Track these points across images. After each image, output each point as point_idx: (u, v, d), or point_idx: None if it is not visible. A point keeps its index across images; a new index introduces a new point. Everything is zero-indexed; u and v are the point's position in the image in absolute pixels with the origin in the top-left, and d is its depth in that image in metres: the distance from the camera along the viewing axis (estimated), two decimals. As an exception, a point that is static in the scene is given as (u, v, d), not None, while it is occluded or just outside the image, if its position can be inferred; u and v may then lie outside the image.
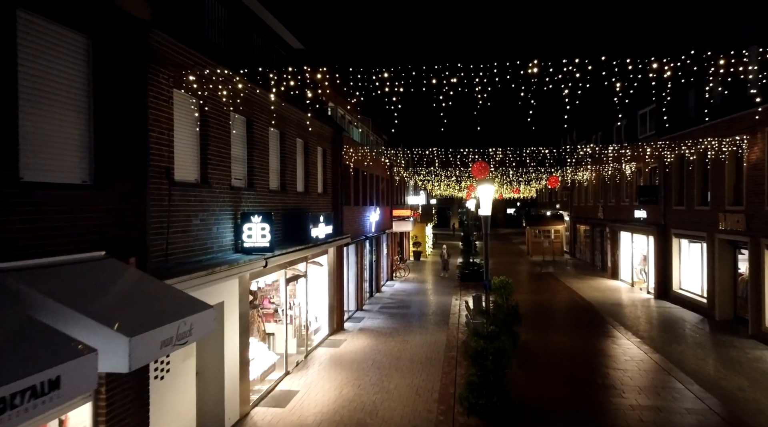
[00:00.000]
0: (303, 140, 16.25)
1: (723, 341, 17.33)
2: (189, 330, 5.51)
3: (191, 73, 9.05)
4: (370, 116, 29.64)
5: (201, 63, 9.29)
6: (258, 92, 12.34)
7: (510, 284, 15.64)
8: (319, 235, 14.98)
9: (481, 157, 18.63)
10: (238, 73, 10.19)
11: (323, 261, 18.18)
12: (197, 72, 9.15)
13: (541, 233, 46.55)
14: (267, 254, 11.20)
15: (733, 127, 18.24)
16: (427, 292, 28.22)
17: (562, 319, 21.35)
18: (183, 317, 5.43)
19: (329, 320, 18.61)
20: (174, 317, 5.36)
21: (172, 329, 5.22)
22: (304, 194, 16.18)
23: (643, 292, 26.80)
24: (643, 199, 25.47)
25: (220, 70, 9.57)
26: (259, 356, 13.46)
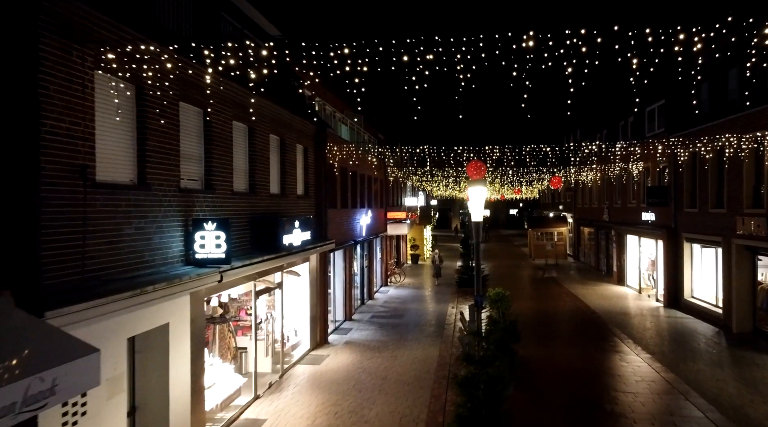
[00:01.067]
0: (279, 137, 14.72)
1: (743, 358, 15.73)
2: (51, 388, 3.99)
3: (121, 53, 7.52)
4: (362, 114, 28.10)
5: (134, 41, 7.75)
6: (218, 81, 10.81)
7: (507, 297, 14.10)
8: (293, 242, 13.44)
9: (476, 155, 17.12)
10: (188, 56, 8.66)
11: (302, 270, 16.63)
12: (131, 52, 7.62)
13: (544, 236, 44.94)
14: (223, 266, 9.66)
15: (753, 123, 16.64)
16: (422, 299, 26.66)
17: (566, 330, 19.77)
18: (40, 372, 3.91)
19: (311, 334, 17.06)
20: (24, 371, 3.84)
21: (15, 390, 3.69)
22: (280, 197, 14.65)
23: (652, 299, 25.18)
24: (652, 200, 23.87)
25: (164, 51, 8.04)
26: (222, 379, 11.93)
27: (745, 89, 17.97)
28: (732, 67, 19.15)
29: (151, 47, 7.71)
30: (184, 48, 8.09)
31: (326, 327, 18.06)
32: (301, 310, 16.87)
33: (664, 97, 24.80)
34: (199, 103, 10.24)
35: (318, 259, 17.60)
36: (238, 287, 12.24)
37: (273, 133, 14.15)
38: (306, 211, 16.75)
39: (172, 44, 7.90)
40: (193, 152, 10.28)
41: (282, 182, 14.89)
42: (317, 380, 14.16)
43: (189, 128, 10.07)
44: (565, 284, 30.80)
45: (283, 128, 14.86)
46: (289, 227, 13.16)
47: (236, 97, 11.71)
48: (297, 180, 16.08)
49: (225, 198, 11.18)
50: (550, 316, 22.31)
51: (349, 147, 17.74)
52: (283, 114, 14.72)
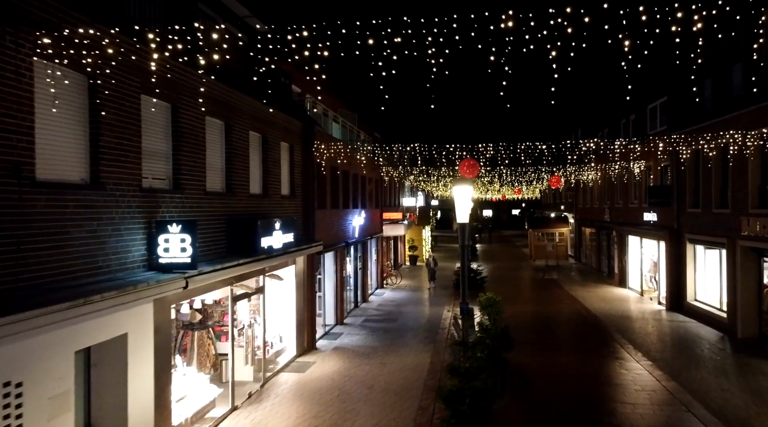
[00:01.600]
0: (260, 135, 14.05)
1: (749, 366, 14.99)
2: None
3: (65, 39, 6.86)
4: (356, 112, 27.43)
5: (77, 24, 7.08)
6: (187, 74, 10.15)
7: (498, 302, 13.40)
8: (273, 245, 12.76)
9: (470, 154, 16.41)
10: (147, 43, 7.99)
11: (288, 273, 15.95)
12: (77, 38, 6.95)
13: (545, 236, 44.20)
14: (188, 271, 8.99)
15: (759, 119, 15.91)
16: (417, 301, 25.96)
17: (564, 335, 19.05)
18: None
19: (297, 340, 16.39)
20: None
21: None
22: (262, 197, 13.98)
23: (654, 302, 24.44)
24: (654, 200, 23.12)
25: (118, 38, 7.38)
26: (196, 390, 11.27)
27: (751, 84, 17.24)
28: (736, 60, 18.41)
29: (99, 32, 7.04)
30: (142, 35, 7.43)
31: (314, 332, 17.38)
32: (287, 315, 16.20)
33: (666, 94, 24.06)
34: (165, 97, 9.57)
35: (305, 261, 16.93)
36: (214, 291, 11.57)
37: (253, 131, 13.49)
38: (292, 212, 16.08)
39: (123, 28, 7.24)
40: (159, 149, 9.61)
41: (264, 182, 14.22)
42: (300, 390, 13.48)
43: (154, 123, 9.40)
44: (566, 286, 30.06)
45: (266, 125, 14.20)
46: (268, 229, 12.49)
47: (210, 92, 11.05)
48: (281, 180, 15.41)
49: (196, 198, 10.52)
50: (548, 320, 21.59)
51: (337, 145, 17.05)
52: (265, 110, 14.05)
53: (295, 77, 20.54)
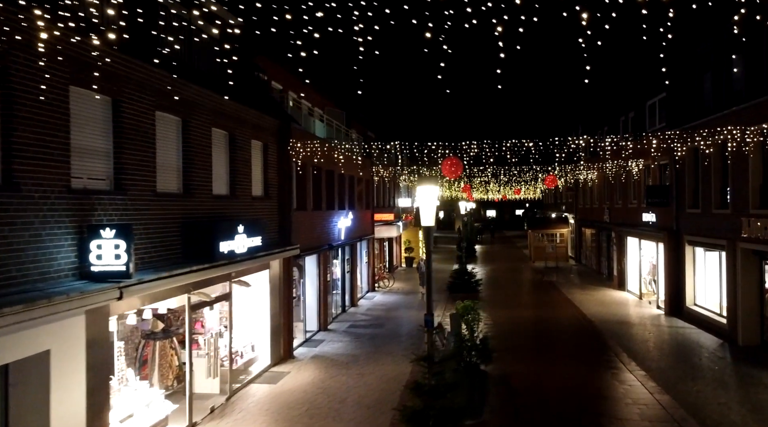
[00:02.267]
0: (227, 132, 13.24)
1: (750, 376, 14.06)
2: None
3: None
4: (344, 110, 26.60)
5: None
6: (131, 63, 9.35)
7: (476, 310, 12.53)
8: (237, 249, 11.94)
9: (453, 152, 15.55)
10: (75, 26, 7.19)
11: (261, 278, 15.14)
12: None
13: (544, 237, 43.23)
14: (124, 280, 8.18)
15: (760, 114, 14.98)
16: (408, 306, 25.10)
17: (557, 342, 18.14)
18: None
19: (272, 348, 15.57)
20: None
21: None
22: (228, 198, 13.17)
23: (653, 306, 23.49)
24: (652, 200, 22.19)
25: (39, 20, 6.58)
26: (147, 406, 10.46)
27: (752, 77, 16.32)
28: (738, 52, 17.48)
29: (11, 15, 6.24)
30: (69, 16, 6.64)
31: (291, 340, 16.56)
32: (260, 322, 15.39)
33: (664, 90, 23.13)
34: (103, 90, 8.77)
35: (281, 265, 16.12)
36: (169, 300, 10.77)
37: (217, 128, 12.68)
38: (265, 214, 15.27)
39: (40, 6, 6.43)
40: (97, 147, 8.81)
41: (232, 183, 13.41)
42: (268, 403, 12.66)
43: (88, 118, 8.59)
44: (563, 289, 29.14)
45: (233, 122, 13.39)
46: (229, 233, 11.67)
47: (161, 85, 10.24)
48: (253, 180, 14.60)
49: (144, 200, 9.71)
50: (542, 325, 20.69)
51: (314, 144, 16.21)
52: (232, 106, 13.25)
53: (275, 74, 19.76)
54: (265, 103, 16.05)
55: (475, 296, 27.25)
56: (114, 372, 10.07)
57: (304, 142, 16.41)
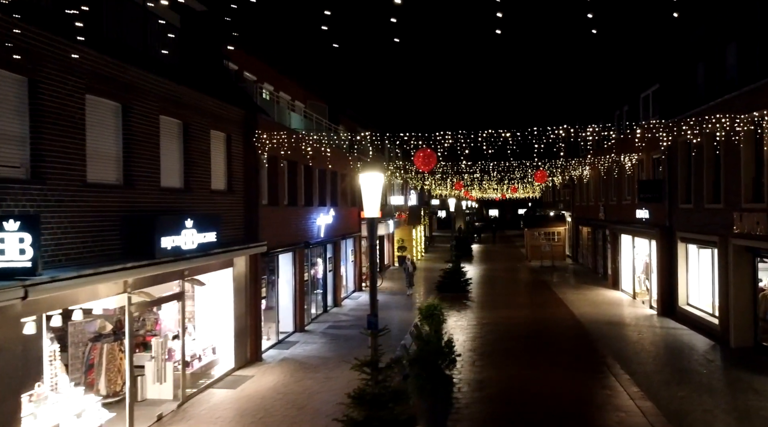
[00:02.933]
0: (180, 121, 12.45)
1: (740, 381, 13.16)
2: None
3: None
4: (326, 102, 25.80)
5: None
6: (54, 42, 8.57)
7: (440, 310, 11.69)
8: (183, 245, 11.14)
9: (426, 143, 14.70)
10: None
11: (219, 277, 14.35)
12: None
13: (541, 236, 42.30)
14: (30, 278, 7.39)
15: (752, 102, 14.10)
16: (393, 305, 24.27)
17: (542, 344, 17.27)
18: None
19: (236, 350, 14.78)
20: None
21: None
22: (182, 192, 12.39)
23: (646, 306, 22.59)
24: (645, 196, 21.30)
25: None
26: (79, 416, 9.67)
27: (745, 64, 15.42)
28: (731, 40, 16.59)
29: None
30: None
31: (258, 342, 15.76)
32: (223, 323, 14.60)
33: (658, 81, 22.24)
34: (15, 69, 7.99)
35: (248, 263, 15.34)
36: (105, 299, 9.99)
37: (168, 116, 11.89)
38: (227, 209, 14.48)
39: None
40: (8, 131, 8.03)
41: (187, 175, 12.62)
42: (222, 410, 11.87)
43: None
44: (556, 289, 28.25)
45: (188, 111, 12.60)
46: (174, 227, 10.87)
47: (93, 66, 9.45)
48: (212, 173, 13.81)
49: (69, 191, 8.92)
50: (528, 327, 19.82)
51: (280, 135, 15.37)
52: (188, 94, 12.47)
53: (248, 65, 19.00)
54: (231, 93, 15.28)
55: (465, 296, 26.43)
56: (42, 378, 9.31)
57: (273, 134, 15.59)
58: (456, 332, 18.99)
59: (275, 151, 16.53)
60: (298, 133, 17.15)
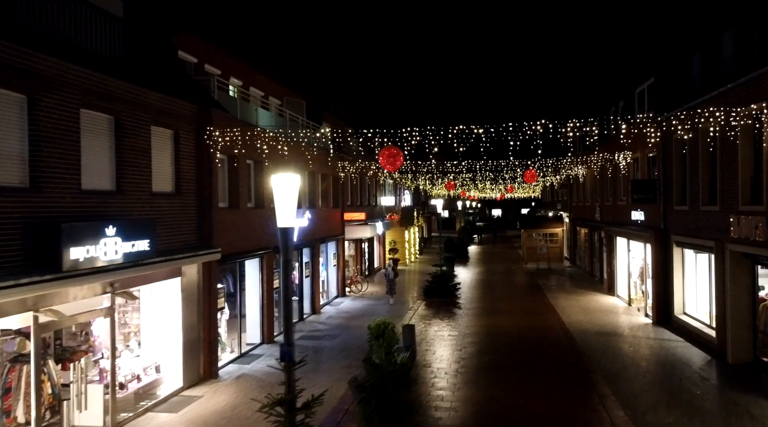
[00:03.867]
0: (111, 115, 11.23)
1: (736, 404, 11.81)
2: None
3: None
4: (305, 99, 24.55)
5: None
6: None
7: (391, 330, 10.42)
8: (103, 255, 9.92)
9: (392, 141, 13.41)
10: None
11: (164, 289, 13.13)
12: None
13: (537, 237, 40.92)
14: None
15: (750, 94, 12.76)
16: (374, 313, 22.93)
17: (524, 358, 15.96)
18: None
19: (186, 368, 13.55)
20: None
21: None
22: (114, 194, 11.17)
23: (641, 314, 21.22)
24: (638, 196, 19.95)
25: None
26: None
27: (743, 54, 14.07)
28: (727, 28, 15.23)
29: None
30: None
31: (213, 356, 14.52)
32: (170, 338, 13.38)
33: (652, 75, 20.89)
34: None
35: (201, 272, 14.13)
36: (8, 318, 8.78)
37: (93, 110, 10.66)
38: (175, 213, 13.26)
39: None
40: None
41: (119, 175, 11.39)
42: (154, 438, 10.64)
43: None
44: (549, 294, 26.90)
45: (121, 104, 11.37)
46: (90, 236, 9.64)
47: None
48: (154, 173, 12.57)
49: (-51, 195, 7.71)
50: (511, 337, 18.51)
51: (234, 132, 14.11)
52: (119, 86, 11.25)
53: (208, 56, 17.79)
54: (182, 87, 14.06)
55: (453, 302, 25.15)
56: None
57: (230, 131, 14.35)
58: (434, 344, 17.72)
59: (235, 150, 15.31)
60: (264, 131, 15.89)
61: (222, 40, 17.88)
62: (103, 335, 12.12)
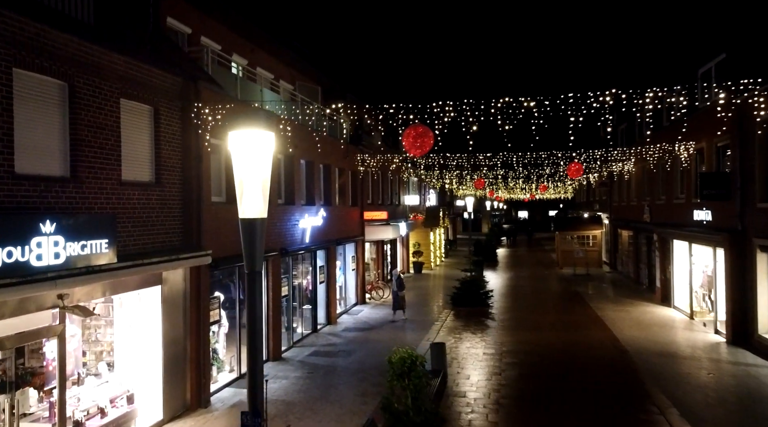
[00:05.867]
0: (63, 82, 8.80)
1: None
2: None
3: None
4: (320, 84, 22.04)
5: None
6: None
7: (421, 366, 7.77)
8: (35, 260, 7.44)
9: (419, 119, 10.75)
10: None
11: (139, 300, 10.68)
12: None
13: (574, 240, 37.84)
14: None
15: None
16: (396, 325, 20.34)
17: (574, 388, 13.15)
18: None
19: (167, 395, 11.08)
20: None
21: None
22: (64, 183, 8.73)
23: (708, 330, 18.19)
24: (708, 192, 16.95)
25: None
26: None
27: None
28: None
29: None
30: None
31: (202, 380, 12.02)
32: (147, 361, 10.91)
33: (724, 51, 17.90)
34: None
35: (188, 278, 11.66)
36: None
37: (29, 70, 8.22)
38: (154, 207, 10.81)
39: None
40: None
41: (74, 158, 8.95)
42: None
43: None
44: (593, 303, 23.95)
45: (75, 68, 8.92)
46: (8, 234, 7.17)
47: None
48: (124, 156, 10.12)
49: None
50: (557, 358, 15.71)
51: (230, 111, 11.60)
52: (73, 44, 8.81)
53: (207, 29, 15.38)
54: (162, 55, 11.61)
55: (485, 312, 22.38)
56: None
57: (228, 109, 11.85)
58: (468, 365, 15.01)
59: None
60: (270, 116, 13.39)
61: (220, 10, 15.44)
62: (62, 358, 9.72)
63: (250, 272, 4.23)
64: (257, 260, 4.22)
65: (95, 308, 10.11)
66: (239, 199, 4.13)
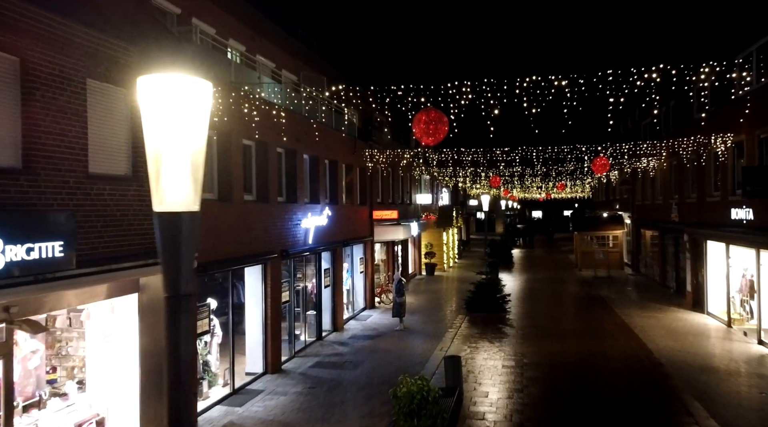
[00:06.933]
0: (14, 56, 7.48)
1: None
2: None
3: None
4: (325, 75, 20.66)
5: None
6: None
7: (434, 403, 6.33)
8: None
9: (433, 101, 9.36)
10: None
11: (112, 310, 9.36)
12: None
13: (594, 241, 36.17)
14: None
15: None
16: (406, 332, 18.91)
17: (607, 413, 11.65)
18: None
19: (143, 420, 9.73)
20: None
21: None
22: (15, 174, 7.41)
23: (750, 340, 16.57)
24: (752, 188, 15.33)
25: None
26: None
27: None
28: None
29: None
30: None
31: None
32: (122, 377, 9.60)
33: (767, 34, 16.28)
34: None
35: (170, 286, 10.28)
36: None
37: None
38: (130, 203, 9.48)
39: None
40: None
41: (26, 147, 7.63)
42: None
43: None
44: (617, 308, 22.37)
45: (27, 40, 7.60)
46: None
47: None
48: (91, 146, 8.79)
49: None
50: (584, 373, 14.20)
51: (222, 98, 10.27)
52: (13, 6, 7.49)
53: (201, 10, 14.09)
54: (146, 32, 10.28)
55: (502, 318, 20.90)
56: None
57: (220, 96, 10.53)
58: (485, 380, 13.55)
59: (225, 126, 11.51)
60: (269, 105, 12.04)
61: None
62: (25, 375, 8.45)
63: (173, 295, 2.84)
64: (183, 276, 2.84)
65: (55, 321, 8.80)
66: (154, 181, 2.74)
